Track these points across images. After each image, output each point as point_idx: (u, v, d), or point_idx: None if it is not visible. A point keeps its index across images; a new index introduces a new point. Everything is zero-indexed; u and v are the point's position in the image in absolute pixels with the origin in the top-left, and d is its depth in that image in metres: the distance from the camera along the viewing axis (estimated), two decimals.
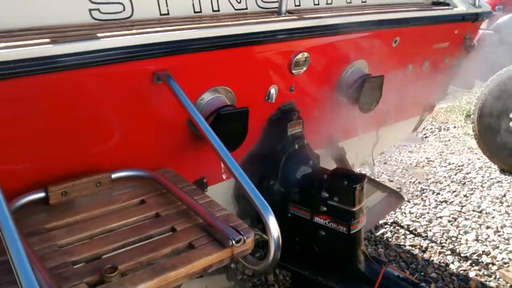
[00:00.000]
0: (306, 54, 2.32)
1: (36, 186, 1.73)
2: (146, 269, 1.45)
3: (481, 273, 3.45)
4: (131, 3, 1.95)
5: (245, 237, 1.58)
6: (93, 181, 1.81)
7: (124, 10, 1.94)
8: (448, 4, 3.05)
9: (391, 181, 4.94)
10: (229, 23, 2.03)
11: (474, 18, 3.07)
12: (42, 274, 1.28)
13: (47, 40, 1.54)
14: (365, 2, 2.83)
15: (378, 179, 3.97)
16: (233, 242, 1.55)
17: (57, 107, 1.65)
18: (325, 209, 2.35)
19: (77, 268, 1.45)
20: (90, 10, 1.85)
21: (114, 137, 1.89)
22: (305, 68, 2.37)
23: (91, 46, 1.61)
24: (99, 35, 1.66)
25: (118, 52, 1.67)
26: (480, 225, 4.06)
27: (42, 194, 1.72)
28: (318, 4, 2.60)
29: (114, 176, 1.87)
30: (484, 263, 3.56)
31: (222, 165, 1.77)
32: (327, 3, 2.64)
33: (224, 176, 2.10)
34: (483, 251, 3.69)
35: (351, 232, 2.32)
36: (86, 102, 1.73)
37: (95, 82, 1.70)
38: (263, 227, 1.90)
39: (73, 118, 1.71)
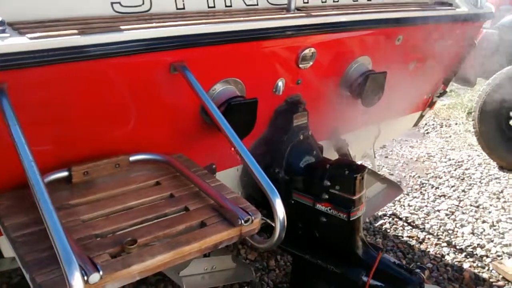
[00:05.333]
0: (313, 49, 2.44)
1: (60, 166, 1.87)
2: (163, 243, 1.59)
3: (475, 264, 3.58)
4: None
5: (253, 217, 1.72)
6: (113, 163, 1.95)
7: (143, 4, 2.06)
8: (451, 5, 3.15)
9: (392, 174, 5.06)
10: (241, 18, 2.15)
11: (476, 19, 3.17)
12: (71, 243, 1.41)
13: (75, 31, 1.66)
14: (370, 0, 2.94)
15: (378, 172, 4.08)
16: (242, 221, 1.69)
17: (82, 94, 1.78)
18: (326, 196, 2.47)
19: (100, 240, 1.59)
20: (112, 3, 1.97)
21: (132, 123, 2.02)
22: (311, 63, 2.49)
23: (115, 38, 1.73)
24: (121, 27, 1.78)
25: (138, 44, 1.80)
26: (477, 219, 4.18)
27: (65, 173, 1.87)
28: (326, 2, 2.71)
29: (132, 159, 2.01)
30: (479, 255, 3.68)
31: (232, 150, 1.89)
32: (334, 1, 2.75)
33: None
34: (478, 244, 3.81)
35: (351, 219, 2.44)
36: (108, 90, 1.86)
37: (117, 71, 1.82)
38: (267, 213, 2.03)
39: (95, 104, 1.85)
